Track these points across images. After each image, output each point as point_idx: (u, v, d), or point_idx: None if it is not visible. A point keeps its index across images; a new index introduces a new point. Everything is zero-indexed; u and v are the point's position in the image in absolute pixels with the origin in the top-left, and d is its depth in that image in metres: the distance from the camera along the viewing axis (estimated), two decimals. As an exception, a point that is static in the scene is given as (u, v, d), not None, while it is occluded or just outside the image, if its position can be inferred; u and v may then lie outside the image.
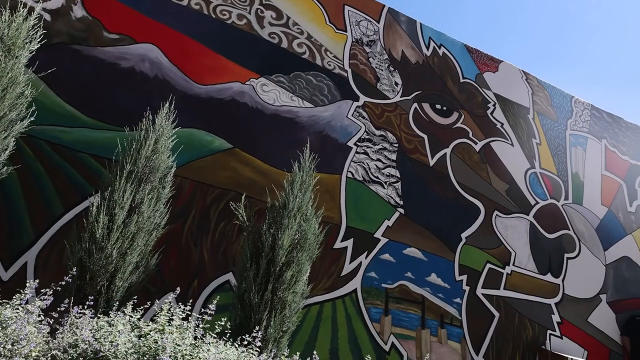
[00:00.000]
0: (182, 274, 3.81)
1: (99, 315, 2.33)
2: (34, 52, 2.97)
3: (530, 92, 6.22)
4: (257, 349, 2.47)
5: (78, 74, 3.91)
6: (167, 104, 3.42)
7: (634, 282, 6.04)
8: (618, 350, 5.63)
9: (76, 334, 2.04)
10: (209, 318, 2.42)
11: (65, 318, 2.18)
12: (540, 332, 5.20)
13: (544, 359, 5.02)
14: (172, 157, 3.33)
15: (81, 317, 2.19)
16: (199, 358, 2.06)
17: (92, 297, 2.44)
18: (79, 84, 3.89)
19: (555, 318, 5.34)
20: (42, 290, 2.22)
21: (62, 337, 2.02)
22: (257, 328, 2.69)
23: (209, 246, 3.98)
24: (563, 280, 5.52)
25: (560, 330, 5.33)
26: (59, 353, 1.93)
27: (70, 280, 2.36)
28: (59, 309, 2.24)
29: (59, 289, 2.26)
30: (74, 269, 2.46)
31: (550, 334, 5.25)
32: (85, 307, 2.27)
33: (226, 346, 2.44)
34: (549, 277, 5.46)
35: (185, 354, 2.03)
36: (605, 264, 5.90)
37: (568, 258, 5.67)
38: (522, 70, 6.26)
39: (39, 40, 2.99)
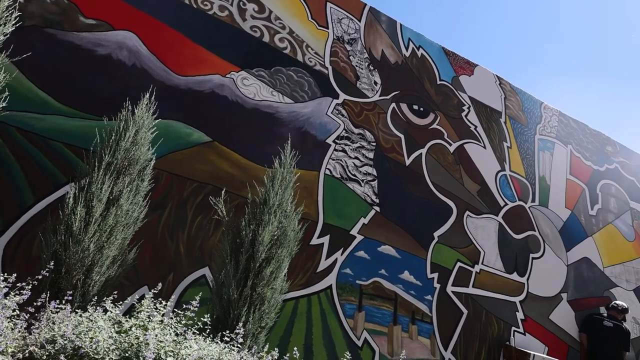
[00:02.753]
0: (158, 267, 3.75)
1: (77, 311, 2.27)
2: (7, 35, 2.85)
3: (503, 97, 6.41)
4: (239, 345, 2.47)
5: (52, 58, 3.76)
6: (148, 95, 3.35)
7: (592, 282, 6.34)
8: (576, 346, 5.91)
9: (53, 330, 1.98)
10: (192, 314, 2.40)
11: (42, 313, 2.11)
12: (505, 328, 5.40)
13: (508, 354, 5.22)
14: (151, 150, 3.27)
15: (58, 311, 2.13)
16: (182, 354, 2.04)
17: (71, 292, 2.37)
18: (52, 69, 3.75)
19: (520, 315, 5.56)
20: (17, 285, 2.15)
21: (39, 333, 1.96)
22: (240, 325, 2.68)
23: (185, 240, 3.93)
24: (528, 280, 5.75)
25: (524, 327, 5.55)
26: (36, 349, 1.87)
27: (47, 274, 2.29)
28: (35, 303, 2.17)
29: (35, 282, 2.19)
30: (51, 263, 2.39)
31: (515, 331, 5.46)
32: (64, 301, 2.20)
33: (206, 342, 2.43)
34: (514, 276, 5.67)
35: (168, 351, 2.02)
36: (567, 265, 6.17)
37: (533, 258, 5.90)
38: (496, 75, 6.44)
39: (13, 22, 2.87)
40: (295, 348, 2.94)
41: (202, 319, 2.54)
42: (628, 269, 6.76)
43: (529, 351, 5.11)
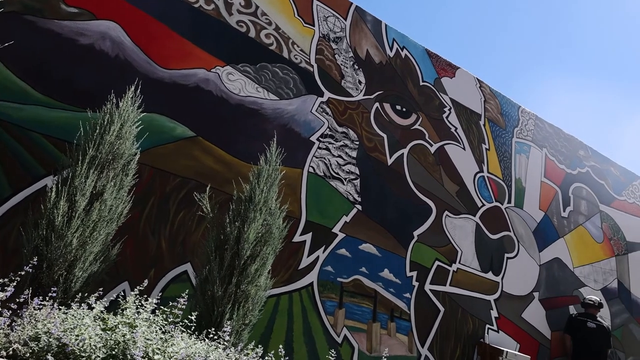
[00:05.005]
0: (139, 263, 3.70)
1: (60, 307, 2.23)
2: (-12, 22, 2.76)
3: (483, 100, 6.54)
4: (225, 342, 2.47)
5: (31, 47, 3.65)
6: (133, 88, 3.29)
7: (563, 282, 6.57)
8: (546, 343, 6.12)
9: (37, 327, 1.94)
10: (180, 312, 2.39)
11: (24, 310, 2.07)
12: (479, 326, 5.55)
13: (482, 351, 5.36)
14: (136, 144, 3.21)
15: (41, 308, 2.09)
16: (169, 352, 2.03)
17: (55, 289, 2.32)
18: (31, 58, 3.64)
19: (494, 313, 5.72)
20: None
21: (22, 330, 1.92)
22: (227, 322, 2.68)
23: (168, 236, 3.89)
24: (502, 279, 5.91)
25: (497, 324, 5.71)
26: (19, 346, 1.83)
27: (31, 270, 2.24)
28: (17, 300, 2.12)
29: (18, 279, 2.14)
30: (35, 259, 2.33)
31: (489, 328, 5.61)
32: (47, 298, 2.16)
33: (191, 339, 2.42)
34: (490, 275, 5.82)
35: (155, 349, 2.00)
36: (539, 264, 6.37)
37: (508, 258, 6.06)
38: (477, 78, 6.57)
39: (-6, 9, 2.78)
40: (280, 346, 2.95)
41: (188, 316, 2.53)
42: (596, 269, 7.03)
43: (501, 348, 5.27)
